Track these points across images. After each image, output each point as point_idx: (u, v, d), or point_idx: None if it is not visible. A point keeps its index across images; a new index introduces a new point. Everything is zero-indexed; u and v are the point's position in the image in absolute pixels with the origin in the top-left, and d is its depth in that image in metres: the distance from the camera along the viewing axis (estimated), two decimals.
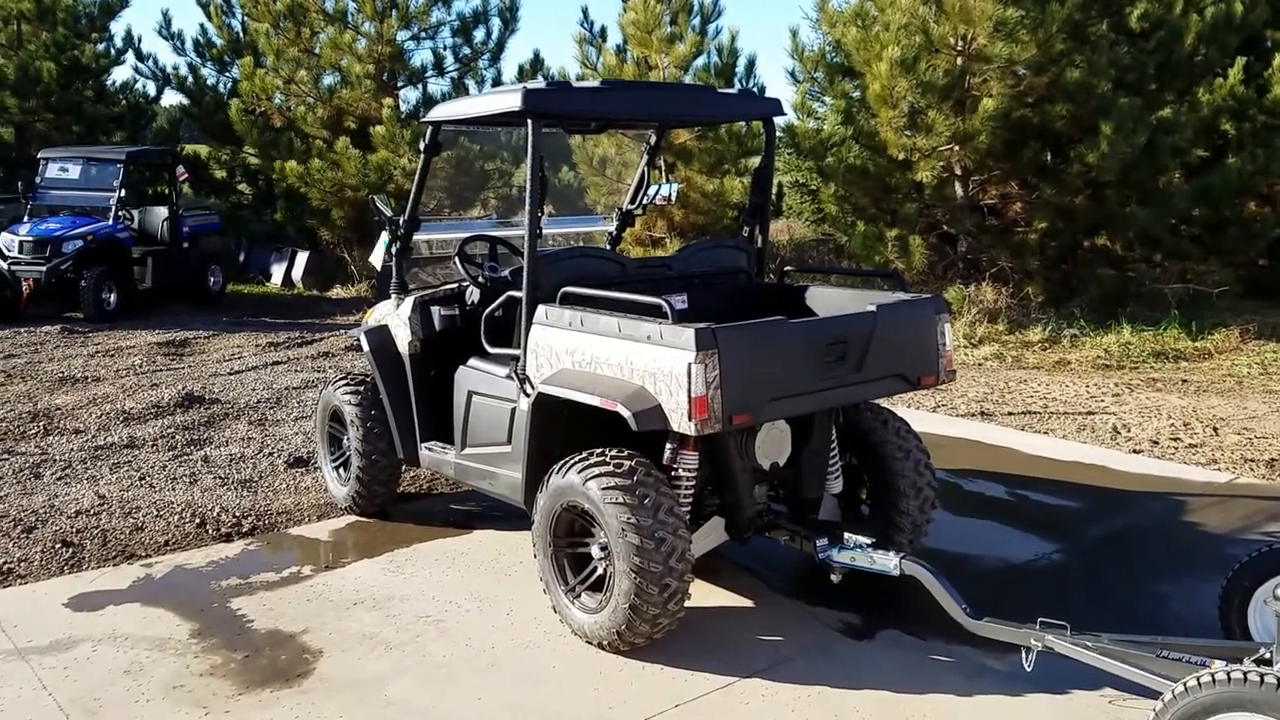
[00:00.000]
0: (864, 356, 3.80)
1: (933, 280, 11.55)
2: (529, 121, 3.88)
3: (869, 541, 3.78)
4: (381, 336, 4.85)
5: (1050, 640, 3.26)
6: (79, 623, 4.03)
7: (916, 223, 11.23)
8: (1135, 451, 6.45)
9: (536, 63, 14.57)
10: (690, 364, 3.37)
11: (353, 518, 5.20)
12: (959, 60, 10.73)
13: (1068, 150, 11.00)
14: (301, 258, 14.12)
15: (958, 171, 11.40)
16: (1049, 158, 11.40)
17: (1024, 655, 3.32)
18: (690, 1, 11.85)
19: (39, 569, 4.57)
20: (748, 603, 4.19)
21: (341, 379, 5.14)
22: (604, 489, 3.58)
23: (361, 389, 5.02)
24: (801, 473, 4.12)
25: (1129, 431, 6.94)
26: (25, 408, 7.41)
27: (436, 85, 14.75)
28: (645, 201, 5.26)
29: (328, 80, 14.07)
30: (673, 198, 5.33)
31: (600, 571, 3.76)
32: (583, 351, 3.77)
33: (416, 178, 4.68)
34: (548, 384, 3.83)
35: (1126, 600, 4.20)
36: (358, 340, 5.02)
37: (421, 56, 16.64)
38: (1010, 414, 7.51)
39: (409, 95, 14.66)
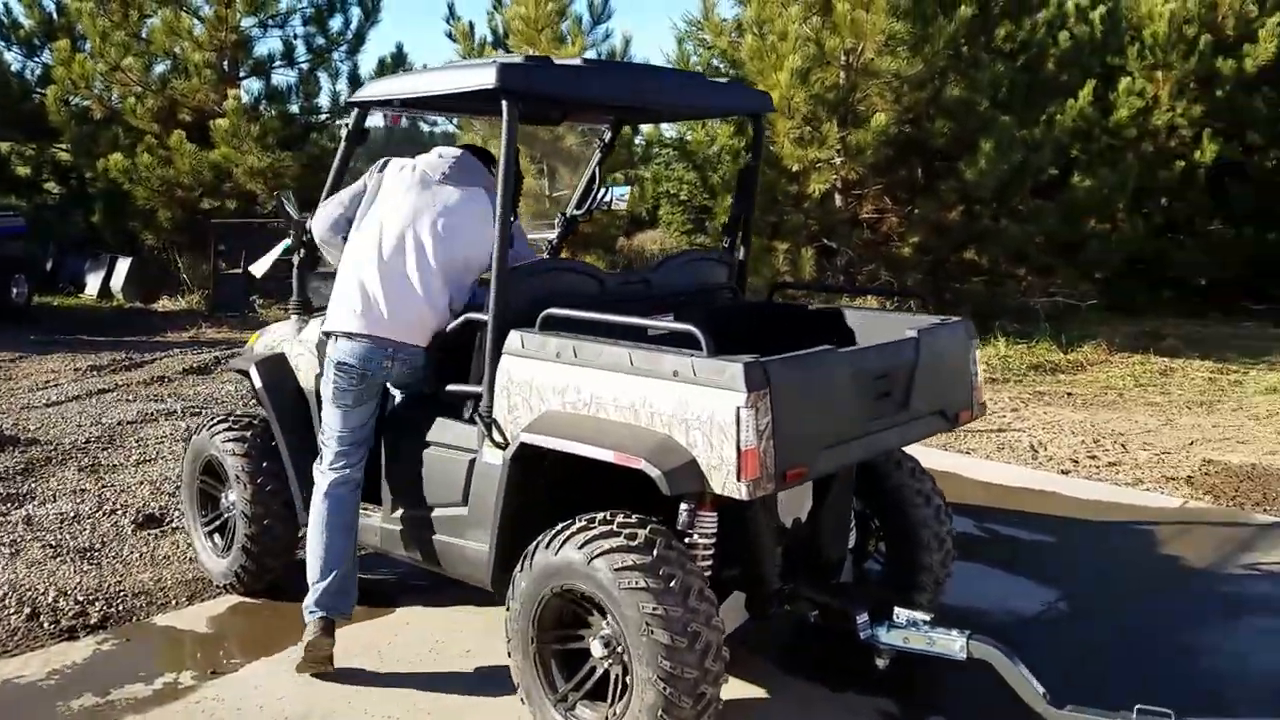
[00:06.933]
0: (909, 391, 3.15)
1: (815, 293, 11.24)
2: (504, 104, 3.03)
3: (927, 618, 3.09)
4: (277, 368, 3.82)
5: None
6: None
7: (801, 235, 10.90)
8: (1064, 472, 6.16)
9: (400, 56, 13.36)
10: (740, 409, 2.58)
11: (235, 598, 4.08)
12: (842, 74, 10.47)
13: (939, 167, 10.94)
14: (122, 265, 12.36)
15: (838, 185, 11.15)
16: (920, 174, 11.34)
17: None
18: None
19: None
20: (759, 692, 3.41)
21: (219, 421, 4.03)
22: (618, 570, 2.74)
23: (249, 434, 3.94)
24: (820, 529, 3.40)
25: (1046, 449, 6.71)
26: None
27: (284, 76, 13.33)
28: (595, 206, 4.44)
29: (160, 68, 12.39)
30: (621, 201, 4.55)
31: (600, 673, 2.92)
32: (579, 390, 2.92)
33: (333, 171, 3.69)
34: (534, 432, 2.95)
35: (1173, 660, 3.67)
36: (244, 372, 3.96)
37: (269, 45, 15.01)
38: None
39: (251, 86, 13.16)
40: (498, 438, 3.11)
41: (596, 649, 2.89)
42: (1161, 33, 12.16)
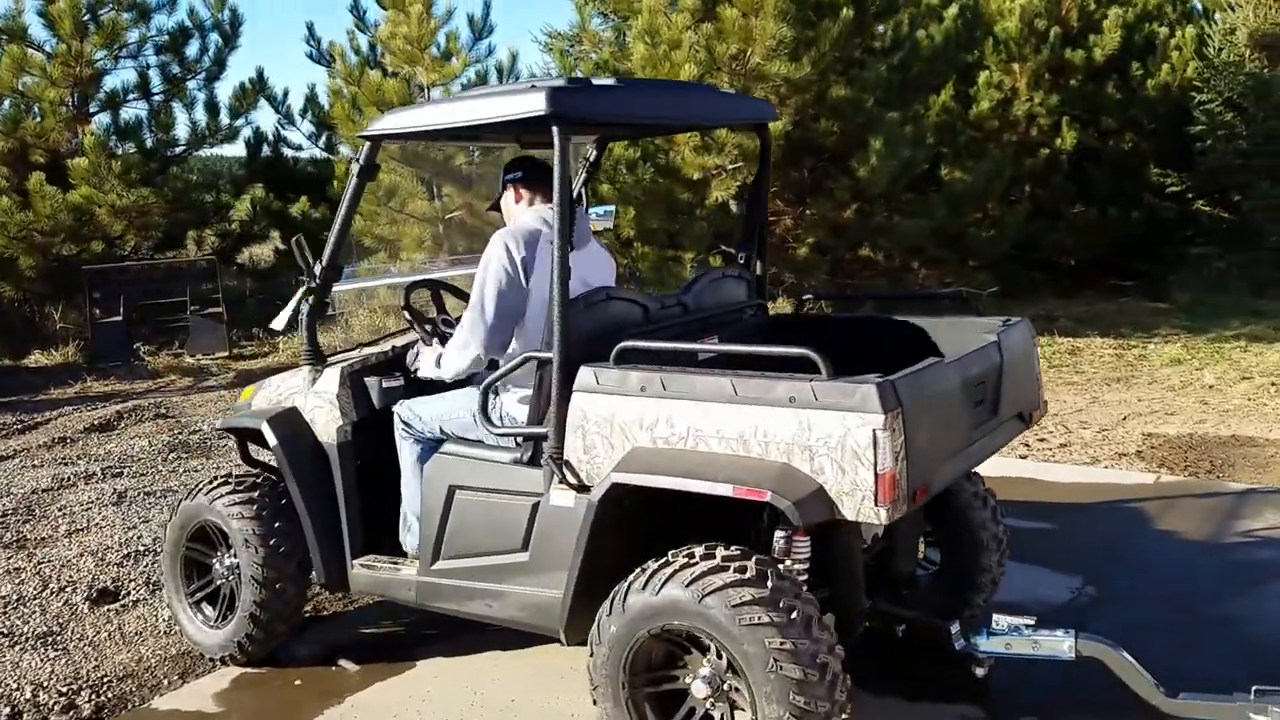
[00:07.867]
0: (998, 397, 3.11)
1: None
2: (554, 130, 2.81)
3: (1030, 621, 3.02)
4: (291, 423, 3.46)
5: (1277, 711, 2.71)
6: None
7: (704, 243, 10.89)
8: (1021, 457, 6.26)
9: (261, 82, 12.62)
10: (876, 431, 2.45)
11: (233, 670, 3.70)
12: (727, 79, 10.49)
13: (829, 167, 11.12)
14: None
15: (732, 191, 11.19)
16: (806, 174, 11.49)
17: None
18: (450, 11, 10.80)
19: None
20: None
21: (220, 483, 3.63)
22: (734, 606, 2.56)
23: (256, 495, 3.57)
24: (896, 543, 3.31)
25: None
26: None
27: (136, 109, 12.35)
28: None
29: (6, 107, 11.28)
30: (605, 220, 4.37)
31: (701, 714, 2.73)
32: (671, 424, 2.72)
33: (342, 210, 3.36)
34: (626, 471, 2.73)
35: (1221, 632, 3.74)
36: (236, 429, 3.59)
37: (122, 76, 13.85)
38: None
39: (101, 121, 12.14)
40: (571, 479, 2.88)
41: (699, 689, 2.71)
42: (1014, 27, 12.73)
